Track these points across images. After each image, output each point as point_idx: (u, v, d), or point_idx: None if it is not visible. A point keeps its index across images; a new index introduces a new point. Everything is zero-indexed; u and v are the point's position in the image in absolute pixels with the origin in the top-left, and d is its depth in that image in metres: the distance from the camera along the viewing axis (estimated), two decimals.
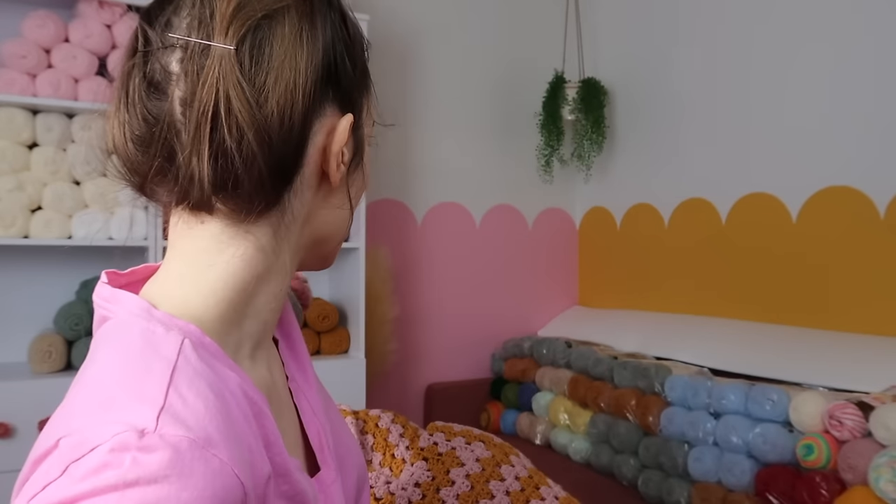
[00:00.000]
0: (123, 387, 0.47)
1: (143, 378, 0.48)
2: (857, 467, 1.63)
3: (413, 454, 1.16)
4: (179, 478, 0.43)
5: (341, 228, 0.66)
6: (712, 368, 2.28)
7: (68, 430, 0.44)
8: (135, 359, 0.49)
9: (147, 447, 0.43)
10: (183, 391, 0.47)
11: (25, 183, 1.96)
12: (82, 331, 2.01)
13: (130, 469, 0.42)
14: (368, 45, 0.64)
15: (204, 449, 0.45)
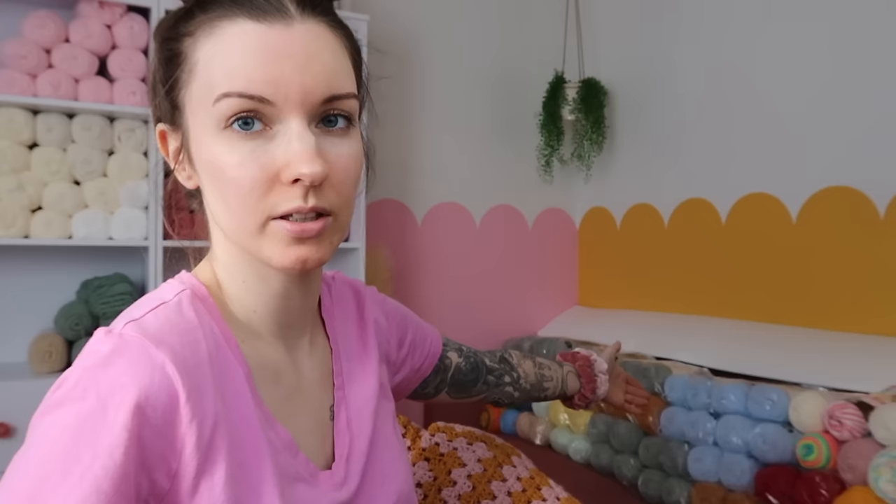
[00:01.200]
0: (126, 312, 0.64)
1: (139, 306, 0.64)
2: (857, 467, 1.63)
3: (415, 454, 1.16)
4: (121, 361, 0.57)
5: (226, 223, 0.64)
6: (712, 368, 2.28)
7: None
8: (147, 297, 0.66)
9: (103, 340, 0.59)
10: (159, 316, 0.62)
11: (26, 183, 1.96)
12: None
13: (87, 356, 0.59)
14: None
15: (150, 347, 0.58)
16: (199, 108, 0.60)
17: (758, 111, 2.47)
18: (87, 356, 0.58)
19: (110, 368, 0.56)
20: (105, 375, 0.56)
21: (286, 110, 0.59)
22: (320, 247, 0.62)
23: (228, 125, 0.59)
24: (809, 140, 2.30)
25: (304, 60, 0.58)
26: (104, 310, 2.01)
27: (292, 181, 0.59)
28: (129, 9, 2.08)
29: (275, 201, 0.59)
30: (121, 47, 2.08)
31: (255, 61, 0.58)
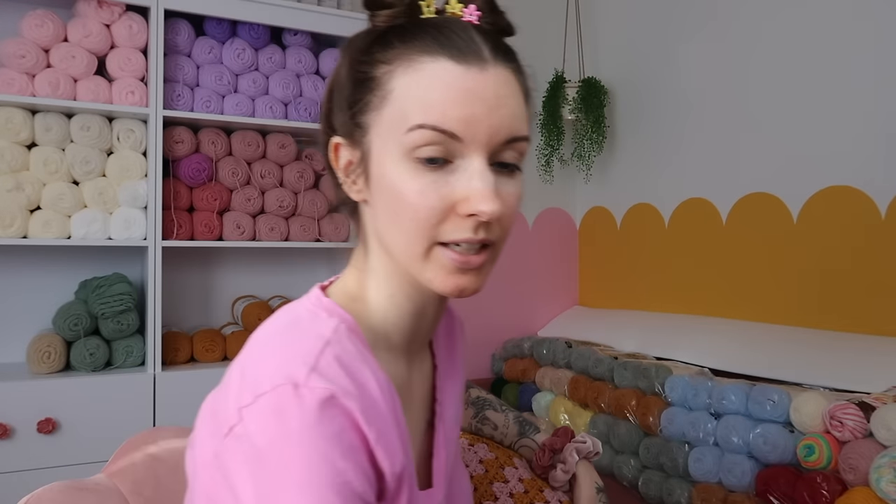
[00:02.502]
0: (287, 349, 0.62)
1: (300, 344, 0.62)
2: (858, 468, 1.63)
3: None
4: (320, 422, 0.56)
5: (393, 242, 0.67)
6: (713, 369, 2.27)
7: (245, 380, 0.62)
8: (300, 330, 0.65)
9: (294, 399, 0.56)
10: (329, 360, 0.60)
11: (24, 183, 1.95)
12: (81, 331, 2.01)
13: (284, 417, 0.56)
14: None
15: (340, 399, 0.58)
16: (389, 133, 0.63)
17: (758, 111, 2.46)
18: (283, 417, 0.56)
19: (313, 431, 0.56)
20: (309, 437, 0.56)
21: (471, 148, 0.62)
22: (478, 277, 0.66)
23: (415, 154, 0.62)
24: (810, 140, 2.30)
25: (493, 103, 0.63)
26: (103, 310, 2.00)
27: (468, 215, 0.62)
28: (127, 8, 2.08)
29: (446, 230, 0.63)
30: (119, 47, 2.07)
31: (452, 99, 0.61)
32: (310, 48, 2.40)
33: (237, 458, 0.57)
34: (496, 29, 0.69)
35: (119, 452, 0.91)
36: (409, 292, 0.70)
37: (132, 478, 0.87)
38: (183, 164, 2.18)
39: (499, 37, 0.68)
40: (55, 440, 1.91)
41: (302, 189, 2.35)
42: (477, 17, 0.66)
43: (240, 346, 2.34)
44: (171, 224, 2.13)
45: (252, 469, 0.55)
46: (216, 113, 2.21)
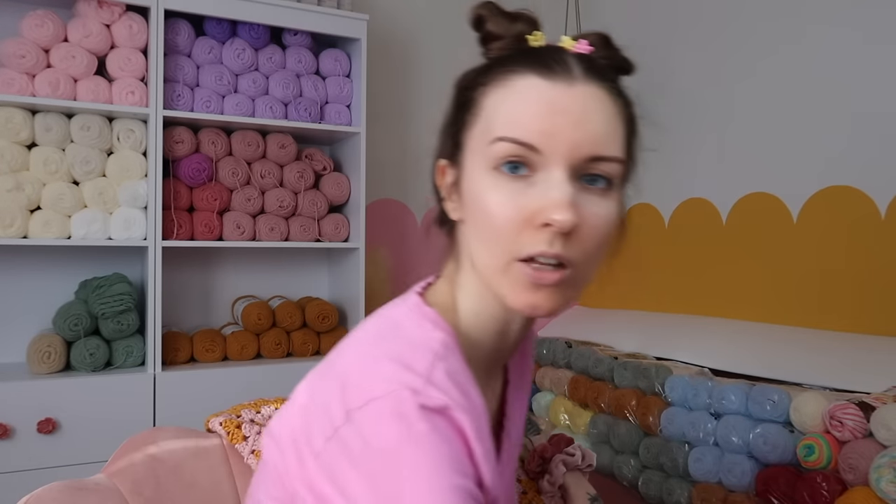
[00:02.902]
0: (399, 361, 0.62)
1: (411, 355, 0.62)
2: (858, 468, 1.63)
3: None
4: (437, 429, 0.57)
5: (478, 256, 0.68)
6: (713, 369, 2.27)
7: (348, 385, 0.61)
8: (408, 340, 0.65)
9: (420, 416, 0.57)
10: (441, 374, 0.61)
11: (24, 183, 1.96)
12: (81, 331, 2.01)
13: (405, 434, 0.56)
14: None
15: (453, 412, 0.59)
16: (477, 147, 0.66)
17: (758, 110, 2.46)
18: (405, 421, 0.57)
19: (434, 436, 0.57)
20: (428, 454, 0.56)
21: (552, 161, 0.63)
22: (554, 297, 0.65)
23: (498, 166, 0.64)
24: (810, 139, 2.29)
25: (577, 118, 0.63)
26: (103, 310, 2.00)
27: (542, 225, 0.62)
28: (127, 8, 2.08)
29: (523, 243, 0.63)
30: (119, 47, 2.07)
31: (533, 112, 0.63)
32: (310, 48, 2.40)
33: (346, 458, 0.57)
34: (612, 65, 0.70)
35: (119, 452, 0.91)
36: (494, 311, 0.71)
37: (132, 478, 0.87)
38: (183, 164, 2.18)
39: (601, 62, 0.68)
40: (55, 440, 1.92)
41: (302, 189, 2.35)
42: (588, 52, 0.68)
43: (240, 345, 2.36)
44: (171, 224, 2.13)
45: (367, 470, 0.56)
46: (216, 113, 2.21)
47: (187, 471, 0.93)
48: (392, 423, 0.56)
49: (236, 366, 2.20)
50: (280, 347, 2.31)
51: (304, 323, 2.36)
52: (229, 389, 2.12)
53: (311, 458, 0.59)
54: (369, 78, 2.64)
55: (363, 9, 2.65)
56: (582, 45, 0.68)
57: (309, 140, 2.53)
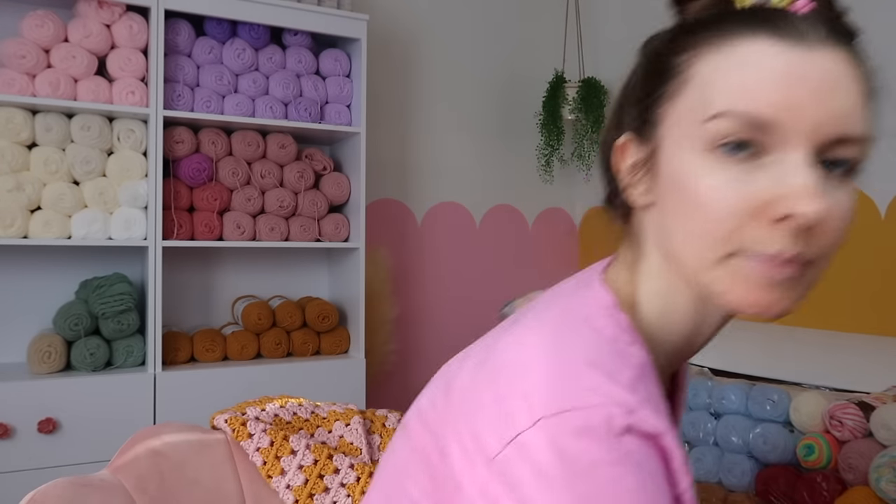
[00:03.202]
0: (595, 366, 0.53)
1: (612, 360, 0.54)
2: (858, 467, 1.63)
3: None
4: (650, 455, 0.50)
5: (680, 249, 0.58)
6: (712, 368, 2.28)
7: (531, 395, 0.51)
8: (604, 341, 0.56)
9: (629, 422, 0.50)
10: (641, 384, 0.54)
11: (24, 183, 1.95)
12: (81, 331, 2.01)
13: (616, 442, 0.49)
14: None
15: (664, 439, 0.52)
16: (685, 124, 0.56)
17: None
18: (612, 440, 0.49)
19: (647, 460, 0.50)
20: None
21: (789, 141, 0.52)
22: (792, 293, 0.58)
23: (716, 146, 0.54)
24: None
25: (821, 91, 0.52)
26: (103, 310, 2.00)
27: (779, 219, 0.52)
28: (127, 8, 2.08)
29: (750, 238, 0.53)
30: (120, 47, 2.07)
31: (768, 82, 0.52)
32: (310, 48, 2.40)
33: (529, 468, 0.49)
34: (845, 27, 0.59)
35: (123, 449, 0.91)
36: (685, 312, 0.62)
37: (136, 474, 0.87)
38: (183, 164, 2.18)
39: (840, 24, 0.58)
40: (55, 440, 1.91)
41: (302, 189, 2.35)
42: (809, 10, 0.56)
43: (240, 345, 2.36)
44: (171, 224, 2.13)
45: (558, 486, 0.48)
46: (216, 113, 2.21)
47: (191, 467, 0.93)
48: (598, 441, 0.49)
49: (236, 366, 2.20)
50: (280, 347, 2.31)
51: (304, 323, 2.36)
52: (230, 389, 2.12)
53: (482, 459, 0.51)
54: (369, 78, 2.64)
55: (363, 9, 2.65)
56: (803, 4, 0.56)
57: (309, 140, 2.53)
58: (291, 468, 1.05)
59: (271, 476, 1.05)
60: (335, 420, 1.18)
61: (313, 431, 1.16)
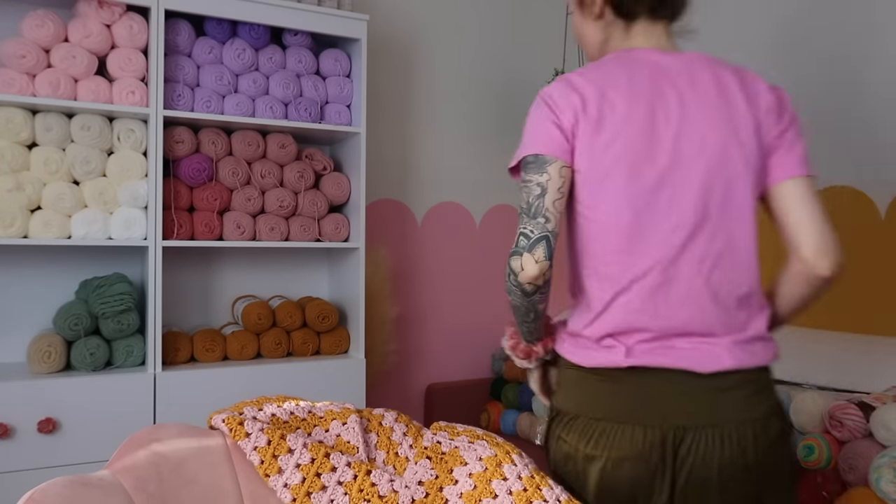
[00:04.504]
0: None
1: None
2: (858, 468, 1.63)
3: (417, 453, 1.16)
4: None
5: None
6: None
7: None
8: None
9: None
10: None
11: (24, 183, 1.96)
12: (81, 331, 2.01)
13: None
14: None
15: None
16: None
17: None
18: None
19: None
20: None
21: None
22: None
23: None
24: (810, 140, 2.29)
25: None
26: (103, 310, 2.01)
27: None
28: (128, 8, 2.08)
29: None
30: (120, 47, 2.08)
31: None
32: (310, 48, 2.40)
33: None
34: None
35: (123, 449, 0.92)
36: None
37: (135, 474, 0.87)
38: (183, 164, 2.18)
39: None
40: (55, 440, 1.92)
41: (302, 189, 2.36)
42: None
43: (240, 345, 2.37)
44: (171, 224, 2.13)
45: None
46: (216, 113, 2.21)
47: (189, 467, 0.93)
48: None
49: (236, 365, 2.20)
50: (280, 347, 2.31)
51: (304, 323, 2.37)
52: (229, 389, 2.12)
53: None
54: (369, 78, 2.64)
55: (363, 9, 2.65)
56: None
57: (309, 140, 2.53)
58: (289, 467, 1.05)
59: (269, 475, 1.05)
60: (332, 419, 1.18)
61: (310, 431, 1.16)
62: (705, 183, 1.07)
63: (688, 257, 1.06)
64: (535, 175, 1.06)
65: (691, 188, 1.07)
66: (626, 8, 1.17)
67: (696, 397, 1.05)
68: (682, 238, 1.06)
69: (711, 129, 1.09)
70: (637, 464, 1.04)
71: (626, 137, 1.07)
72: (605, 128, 1.07)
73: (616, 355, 1.06)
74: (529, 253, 1.02)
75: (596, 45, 1.23)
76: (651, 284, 1.06)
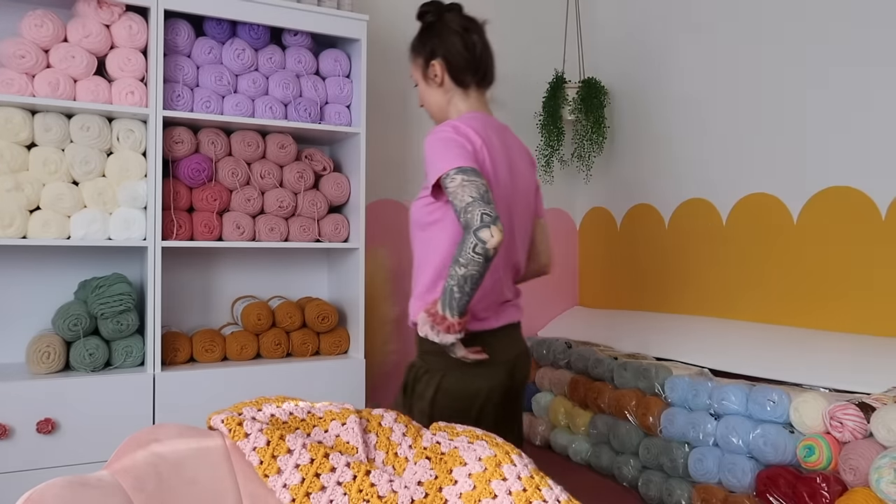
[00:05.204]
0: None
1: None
2: (858, 468, 1.63)
3: (416, 453, 1.16)
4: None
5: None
6: (713, 369, 2.27)
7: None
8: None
9: None
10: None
11: (24, 183, 1.95)
12: (80, 331, 2.01)
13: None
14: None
15: None
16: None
17: (758, 111, 2.47)
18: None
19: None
20: None
21: None
22: None
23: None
24: (811, 140, 2.30)
25: None
26: (102, 310, 2.00)
27: None
28: (127, 8, 2.08)
29: None
30: (119, 47, 2.07)
31: None
32: (310, 48, 2.40)
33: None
34: None
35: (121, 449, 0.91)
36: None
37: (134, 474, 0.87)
38: (183, 165, 2.18)
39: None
40: (54, 440, 1.91)
41: (302, 189, 2.35)
42: None
43: (239, 346, 2.37)
44: (170, 224, 2.13)
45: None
46: (216, 113, 2.21)
47: (189, 468, 0.93)
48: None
49: (236, 366, 2.19)
50: (280, 347, 2.30)
51: (303, 323, 2.36)
52: (229, 389, 2.12)
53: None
54: (369, 78, 2.64)
55: (363, 9, 2.65)
56: None
57: (309, 140, 2.53)
58: (288, 467, 1.05)
59: (268, 475, 1.04)
60: (331, 419, 1.18)
61: (310, 431, 1.15)
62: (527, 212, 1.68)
63: (511, 259, 1.63)
64: (476, 178, 1.41)
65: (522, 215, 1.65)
66: (460, 80, 1.71)
67: (517, 338, 1.66)
68: (524, 249, 1.66)
69: (525, 173, 1.70)
70: (502, 385, 1.57)
71: (502, 174, 1.58)
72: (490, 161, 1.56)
73: (492, 322, 1.58)
74: (495, 225, 1.33)
75: (441, 107, 1.76)
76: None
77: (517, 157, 1.67)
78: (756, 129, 2.47)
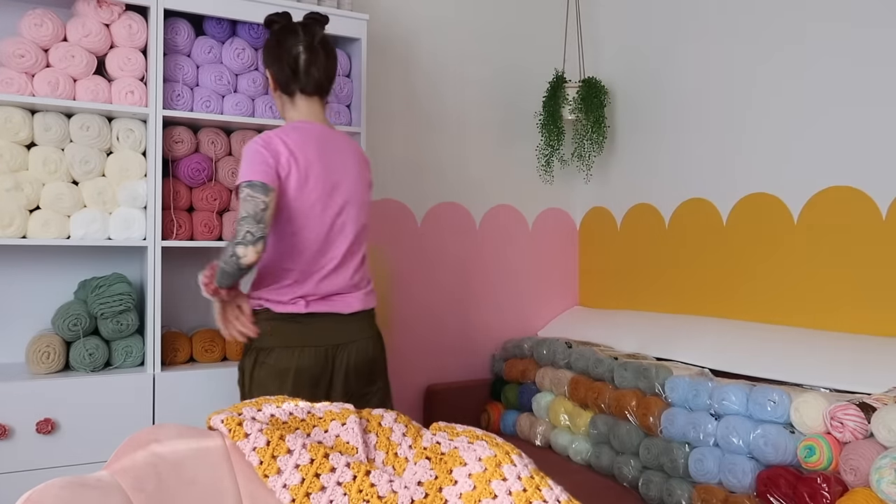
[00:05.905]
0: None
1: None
2: (859, 469, 1.63)
3: (416, 453, 1.15)
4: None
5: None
6: (713, 369, 2.27)
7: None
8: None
9: None
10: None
11: (23, 182, 1.95)
12: (80, 331, 2.00)
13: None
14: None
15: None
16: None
17: (759, 110, 2.46)
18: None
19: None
20: None
21: None
22: None
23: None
24: (811, 140, 2.30)
25: None
26: (102, 310, 2.00)
27: None
28: (127, 7, 2.08)
29: None
30: (119, 46, 2.07)
31: None
32: None
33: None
34: None
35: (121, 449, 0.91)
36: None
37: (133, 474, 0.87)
38: (182, 164, 2.17)
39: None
40: (54, 440, 1.91)
41: None
42: None
43: (239, 346, 2.36)
44: (170, 224, 2.13)
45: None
46: (216, 113, 2.20)
47: (188, 468, 0.93)
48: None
49: (235, 366, 2.19)
50: None
51: None
52: (228, 390, 2.11)
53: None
54: (369, 78, 2.64)
55: (363, 9, 2.65)
56: None
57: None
58: (288, 467, 1.05)
59: (268, 475, 1.04)
60: (331, 420, 1.18)
61: (309, 431, 1.15)
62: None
63: (330, 253, 1.80)
64: (260, 194, 1.59)
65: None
66: (286, 89, 1.81)
67: (342, 327, 1.81)
68: (347, 245, 1.81)
69: (354, 171, 1.85)
70: (314, 368, 1.76)
71: (315, 180, 1.73)
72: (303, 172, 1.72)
73: (298, 307, 1.76)
74: (254, 245, 1.56)
75: (282, 112, 1.87)
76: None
77: (343, 160, 1.81)
78: (756, 128, 2.47)
